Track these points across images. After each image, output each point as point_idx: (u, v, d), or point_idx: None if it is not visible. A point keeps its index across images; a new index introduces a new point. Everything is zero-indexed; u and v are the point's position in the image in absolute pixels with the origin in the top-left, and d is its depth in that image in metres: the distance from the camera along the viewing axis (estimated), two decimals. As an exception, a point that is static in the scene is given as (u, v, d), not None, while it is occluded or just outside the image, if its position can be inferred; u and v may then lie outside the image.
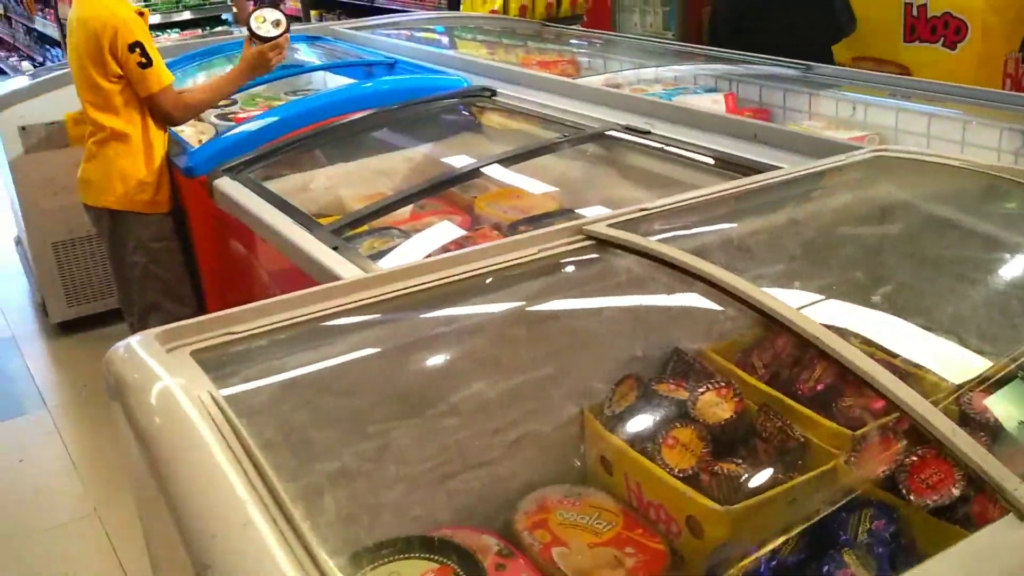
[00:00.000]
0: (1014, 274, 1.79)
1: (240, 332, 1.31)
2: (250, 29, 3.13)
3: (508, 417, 1.57)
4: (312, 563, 0.88)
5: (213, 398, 1.10)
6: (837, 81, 3.42)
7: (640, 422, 1.56)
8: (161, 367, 1.18)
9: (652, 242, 1.52)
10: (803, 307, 1.43)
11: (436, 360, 1.56)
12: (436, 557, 1.22)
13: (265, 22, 3.13)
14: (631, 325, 1.71)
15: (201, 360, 1.23)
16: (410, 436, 1.48)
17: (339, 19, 6.44)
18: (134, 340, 1.28)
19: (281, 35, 3.14)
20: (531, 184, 2.59)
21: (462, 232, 2.43)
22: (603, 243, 1.58)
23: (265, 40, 3.12)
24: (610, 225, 1.59)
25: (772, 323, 1.36)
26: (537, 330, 1.63)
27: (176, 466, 1.01)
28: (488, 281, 1.54)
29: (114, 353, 1.25)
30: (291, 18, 3.41)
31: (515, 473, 1.55)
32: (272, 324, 1.34)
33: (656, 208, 1.69)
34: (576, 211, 2.33)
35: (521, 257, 1.56)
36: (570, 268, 1.60)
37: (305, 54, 4.43)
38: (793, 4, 4.22)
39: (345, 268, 2.01)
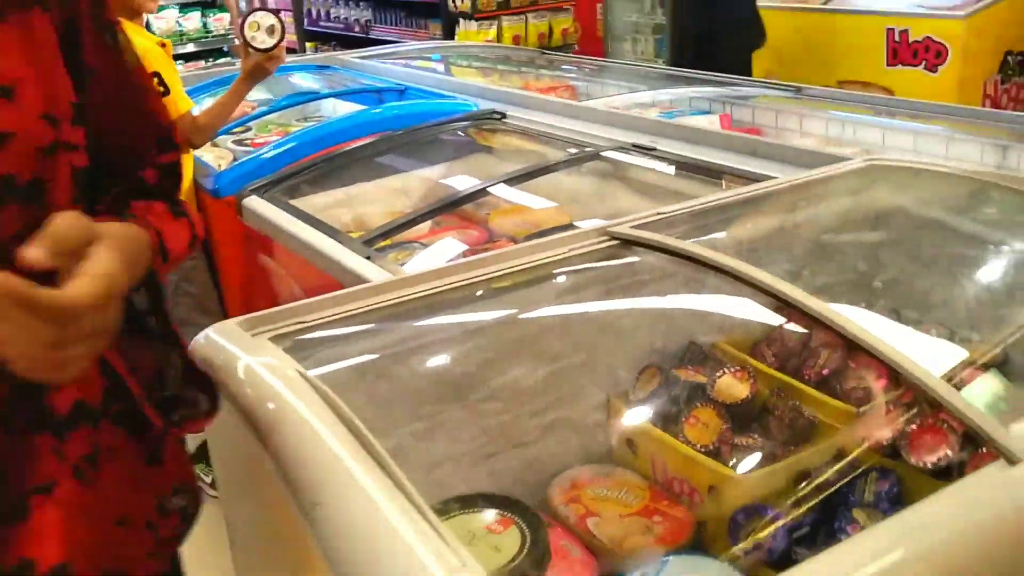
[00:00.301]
0: (1003, 270, 1.95)
1: (310, 321, 1.46)
2: (245, 40, 3.00)
3: (543, 402, 1.71)
4: (408, 501, 1.02)
5: (301, 374, 1.25)
6: (826, 102, 3.60)
7: (663, 405, 1.69)
8: (249, 349, 1.32)
9: (674, 240, 1.67)
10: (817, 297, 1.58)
11: (478, 349, 1.69)
12: (501, 512, 1.36)
13: (259, 30, 2.98)
14: (652, 319, 1.85)
15: (281, 344, 1.38)
16: (456, 418, 1.63)
17: (334, 50, 6.62)
18: (212, 331, 1.42)
19: (276, 45, 3.00)
20: (543, 200, 2.71)
21: (480, 245, 2.58)
22: (627, 243, 1.73)
23: (261, 51, 3.00)
24: (633, 227, 1.74)
25: (787, 309, 1.51)
26: (568, 323, 1.77)
27: (279, 429, 1.15)
28: (523, 278, 1.68)
29: (197, 342, 1.40)
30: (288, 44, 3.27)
31: (549, 454, 1.69)
32: (335, 315, 1.49)
33: (674, 211, 1.84)
34: (588, 224, 2.46)
35: (552, 256, 1.71)
36: (597, 266, 1.74)
37: (314, 82, 4.57)
38: (712, 23, 4.99)
39: (379, 275, 2.15)
